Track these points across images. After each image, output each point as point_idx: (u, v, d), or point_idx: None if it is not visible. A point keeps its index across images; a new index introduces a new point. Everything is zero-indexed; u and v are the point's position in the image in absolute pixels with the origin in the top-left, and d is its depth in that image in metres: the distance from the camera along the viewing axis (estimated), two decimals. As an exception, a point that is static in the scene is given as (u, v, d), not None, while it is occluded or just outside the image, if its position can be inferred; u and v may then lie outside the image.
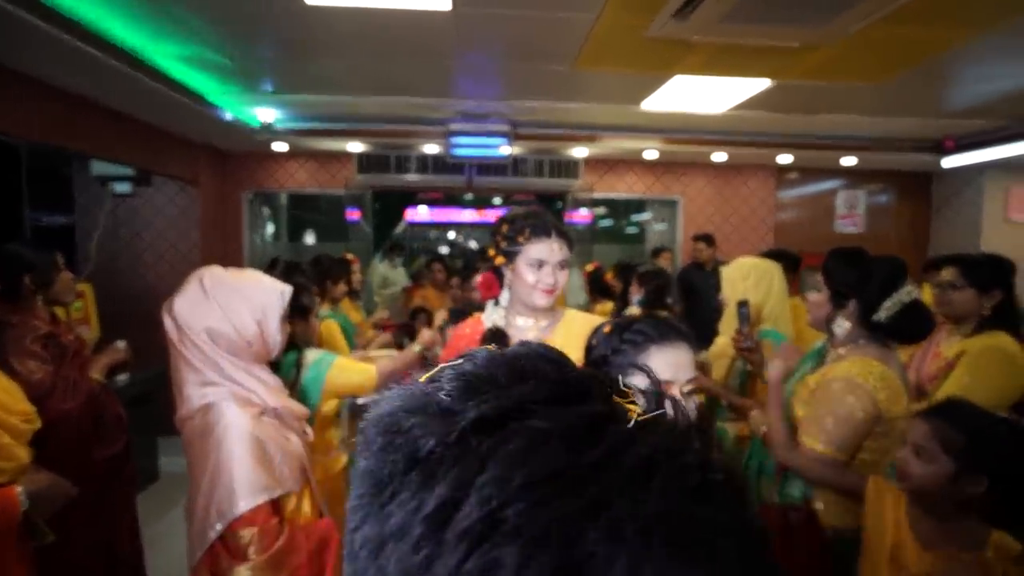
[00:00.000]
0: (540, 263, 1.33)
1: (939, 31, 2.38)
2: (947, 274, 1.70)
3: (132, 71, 2.65)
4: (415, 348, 1.98)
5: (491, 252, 1.43)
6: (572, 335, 1.35)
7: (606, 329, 1.05)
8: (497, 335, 1.37)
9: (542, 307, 1.37)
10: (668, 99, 3.38)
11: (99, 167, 3.80)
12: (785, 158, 4.79)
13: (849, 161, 4.74)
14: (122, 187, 3.89)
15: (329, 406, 1.73)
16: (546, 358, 0.30)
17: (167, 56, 2.78)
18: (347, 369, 1.71)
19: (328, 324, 2.48)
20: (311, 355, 1.64)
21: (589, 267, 4.06)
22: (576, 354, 1.17)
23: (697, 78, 2.98)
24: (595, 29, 2.40)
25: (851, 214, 5.24)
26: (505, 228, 1.38)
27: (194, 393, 1.20)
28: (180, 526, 1.30)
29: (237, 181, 4.91)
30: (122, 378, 3.26)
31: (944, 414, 1.12)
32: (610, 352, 1.01)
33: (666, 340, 0.99)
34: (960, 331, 1.67)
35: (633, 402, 0.29)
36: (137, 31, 2.48)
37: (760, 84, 3.07)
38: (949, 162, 4.47)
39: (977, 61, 2.77)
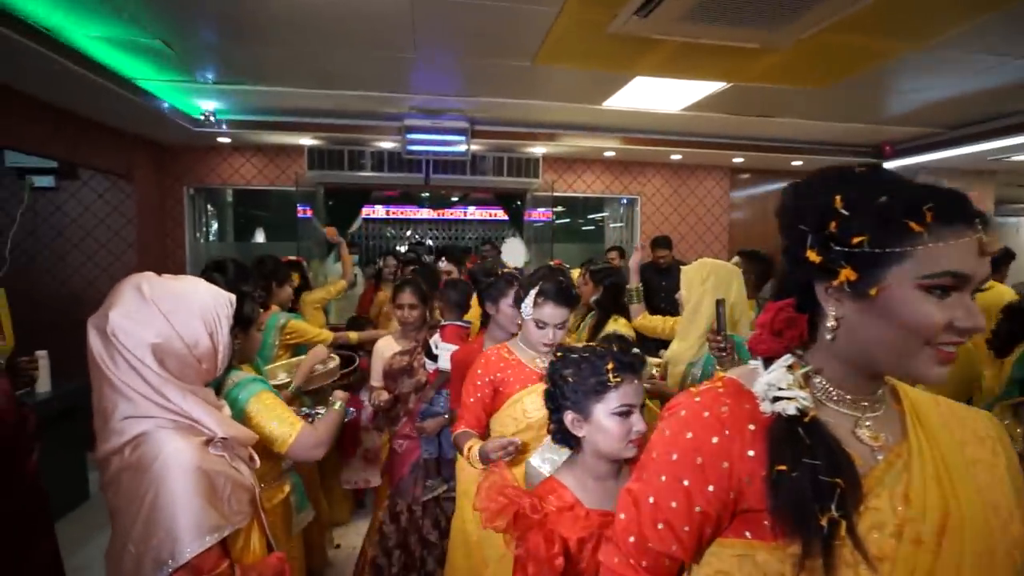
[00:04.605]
0: None
1: (881, 42, 2.49)
2: None
3: (48, 52, 2.40)
4: (335, 407, 1.60)
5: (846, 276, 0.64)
6: None
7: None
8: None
9: None
10: (627, 98, 3.39)
11: (15, 158, 3.45)
12: (738, 159, 4.92)
13: (797, 163, 4.91)
14: (42, 180, 3.55)
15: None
16: None
17: (92, 38, 2.54)
18: (269, 409, 1.42)
19: (294, 323, 2.50)
20: (237, 375, 1.44)
21: (553, 264, 4.01)
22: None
23: (656, 80, 2.98)
24: (557, 23, 2.35)
25: (798, 214, 5.45)
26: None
27: (125, 425, 1.00)
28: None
29: (177, 175, 4.60)
30: (45, 390, 2.97)
31: None
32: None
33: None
34: None
35: None
36: (56, 8, 2.24)
37: (716, 83, 3.12)
38: (888, 166, 4.71)
39: (913, 72, 2.91)
